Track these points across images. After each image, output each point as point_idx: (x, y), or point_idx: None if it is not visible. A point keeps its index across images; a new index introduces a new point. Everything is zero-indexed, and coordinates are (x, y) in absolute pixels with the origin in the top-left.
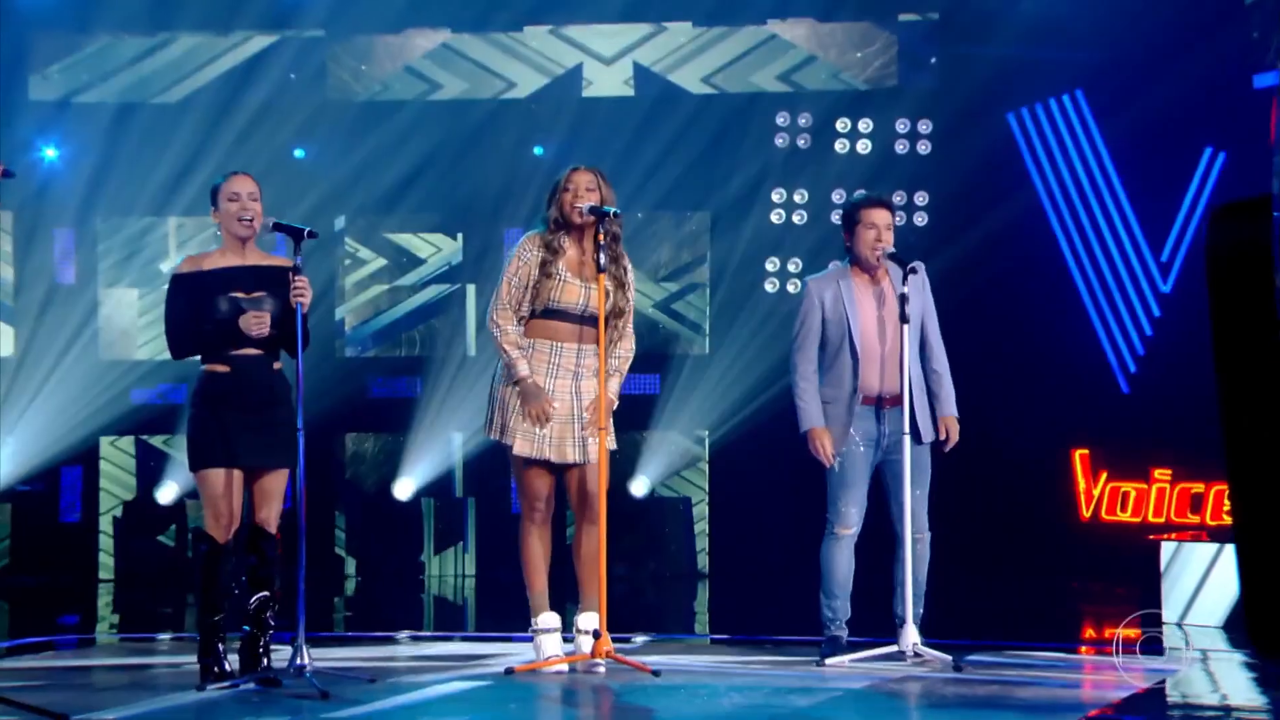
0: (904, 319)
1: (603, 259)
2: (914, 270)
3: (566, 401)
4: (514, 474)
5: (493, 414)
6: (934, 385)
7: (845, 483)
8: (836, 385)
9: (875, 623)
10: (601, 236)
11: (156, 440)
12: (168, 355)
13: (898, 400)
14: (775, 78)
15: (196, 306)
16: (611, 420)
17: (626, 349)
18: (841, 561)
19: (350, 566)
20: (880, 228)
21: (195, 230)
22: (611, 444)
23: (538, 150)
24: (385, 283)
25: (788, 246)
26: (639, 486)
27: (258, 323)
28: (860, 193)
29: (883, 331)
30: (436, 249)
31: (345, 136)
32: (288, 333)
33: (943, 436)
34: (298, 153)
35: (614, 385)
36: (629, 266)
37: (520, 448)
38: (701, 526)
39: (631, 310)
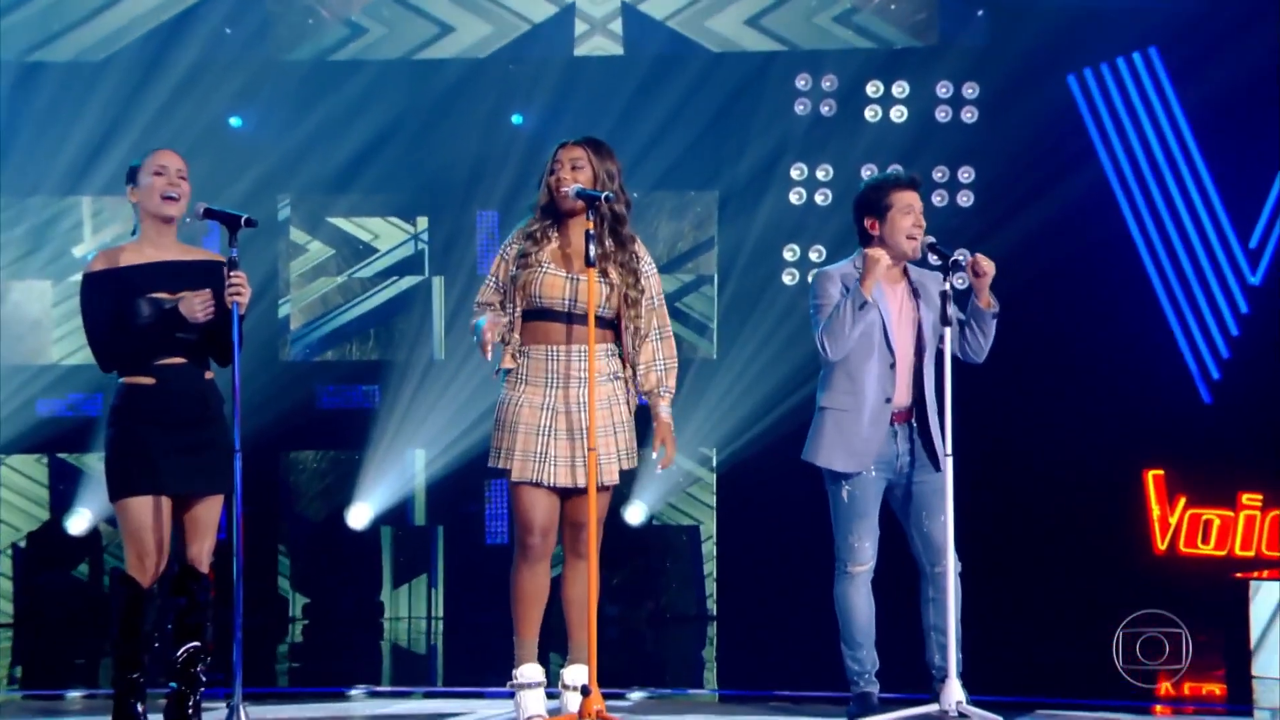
0: (945, 321)
1: (591, 250)
2: (957, 264)
3: (573, 414)
4: (511, 500)
5: (492, 439)
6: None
7: (856, 512)
8: (853, 394)
9: (905, 672)
10: (591, 224)
11: (68, 459)
12: (82, 359)
13: (909, 415)
14: (794, 33)
15: (119, 309)
16: (632, 436)
17: (666, 355)
18: (861, 604)
19: (296, 608)
20: (917, 211)
21: (116, 212)
22: (630, 461)
23: (516, 119)
24: (337, 275)
25: (809, 232)
26: (635, 513)
27: (203, 304)
28: (895, 168)
29: (903, 341)
30: (397, 235)
31: (290, 103)
32: (220, 338)
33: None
34: (234, 121)
35: (664, 409)
36: (642, 252)
37: (520, 470)
38: (709, 560)
39: (652, 302)
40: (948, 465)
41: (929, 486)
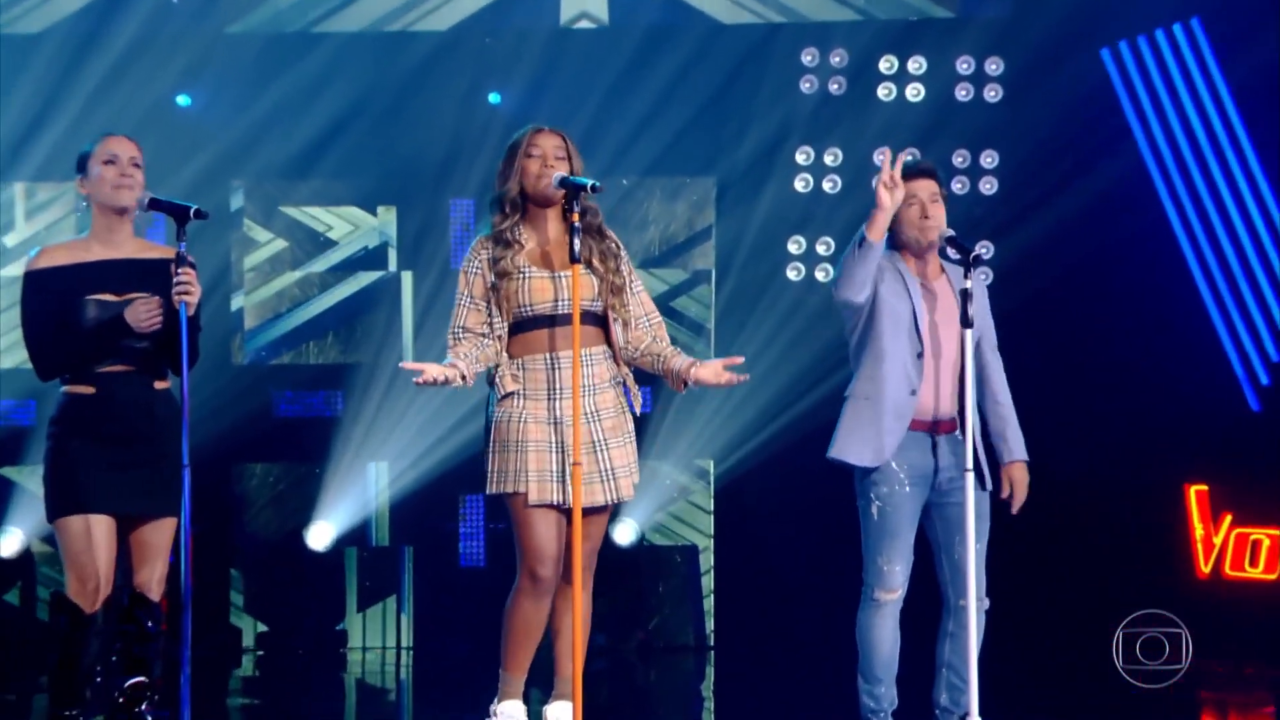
0: (965, 322)
1: (576, 245)
2: (978, 260)
3: (584, 426)
4: (516, 527)
5: (489, 462)
6: (997, 423)
7: (888, 531)
8: (875, 381)
9: (921, 711)
10: (576, 216)
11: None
12: (14, 361)
13: (954, 426)
14: (800, 2)
15: (62, 311)
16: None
17: (665, 337)
18: (885, 636)
19: (249, 638)
20: (923, 201)
21: (53, 199)
22: (637, 475)
23: (493, 98)
24: (295, 270)
25: (816, 222)
26: (624, 533)
27: (149, 312)
28: (910, 153)
29: (936, 338)
30: (363, 226)
31: (243, 80)
32: (176, 343)
33: (1006, 492)
34: (182, 100)
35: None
36: (615, 237)
37: (539, 493)
38: (706, 584)
39: (633, 288)
40: (969, 482)
41: (966, 507)
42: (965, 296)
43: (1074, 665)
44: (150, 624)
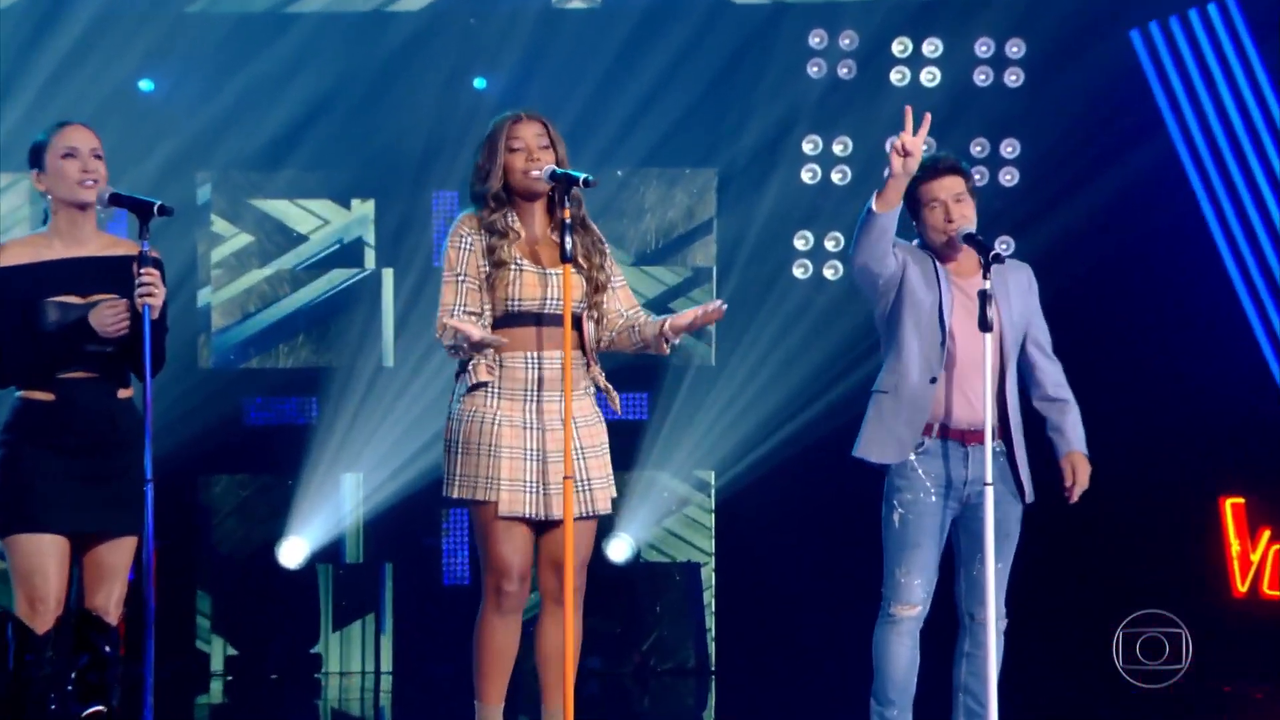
0: (984, 325)
1: (568, 244)
2: (998, 258)
3: (559, 432)
4: (480, 539)
5: (452, 463)
6: (1054, 416)
7: (908, 542)
8: (897, 373)
9: None
10: (567, 213)
11: None
12: None
13: (982, 436)
14: None
15: (22, 314)
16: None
17: (633, 313)
18: (901, 655)
19: (217, 662)
20: (946, 202)
21: (6, 185)
22: (614, 489)
23: (478, 83)
24: (267, 266)
25: (824, 216)
26: (619, 549)
27: (116, 317)
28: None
29: (970, 341)
30: (339, 220)
31: (211, 64)
32: (137, 347)
33: (1069, 481)
34: (144, 85)
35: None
36: (599, 231)
37: (510, 503)
38: (707, 603)
39: (618, 278)
40: (989, 496)
41: (998, 525)
42: (984, 299)
43: (1105, 680)
44: (107, 648)
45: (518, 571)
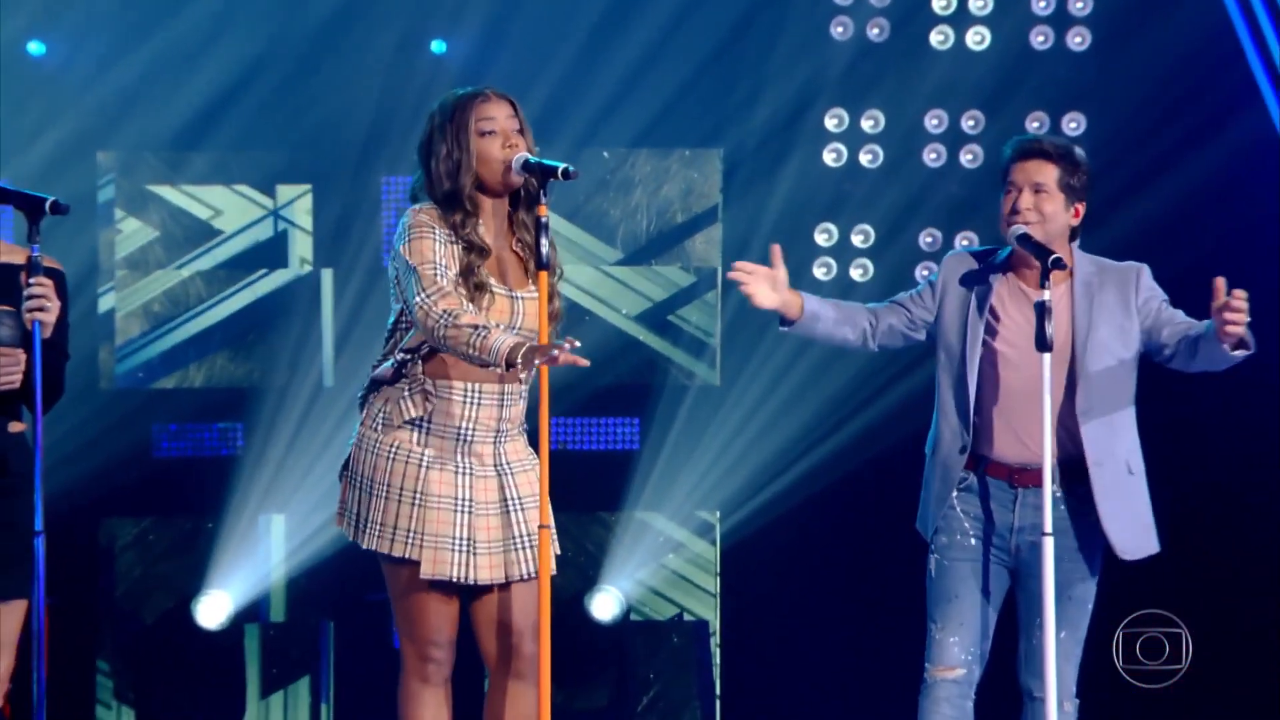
0: (1042, 345)
1: (545, 247)
2: (1059, 263)
3: (493, 482)
4: (399, 600)
5: (361, 504)
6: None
7: (944, 592)
8: (933, 454)
9: None
10: (544, 210)
11: None
12: None
13: (1041, 480)
14: None
15: None
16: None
17: None
18: None
19: None
20: (1022, 188)
21: None
22: (557, 546)
23: (437, 46)
24: (183, 268)
25: (851, 206)
26: (604, 606)
27: (10, 365)
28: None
29: (1027, 364)
30: (269, 212)
31: (115, 25)
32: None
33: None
34: (34, 48)
35: None
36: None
37: (434, 564)
38: (711, 663)
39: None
40: (1046, 548)
41: (1059, 587)
42: (1041, 311)
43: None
44: None
45: (446, 637)
